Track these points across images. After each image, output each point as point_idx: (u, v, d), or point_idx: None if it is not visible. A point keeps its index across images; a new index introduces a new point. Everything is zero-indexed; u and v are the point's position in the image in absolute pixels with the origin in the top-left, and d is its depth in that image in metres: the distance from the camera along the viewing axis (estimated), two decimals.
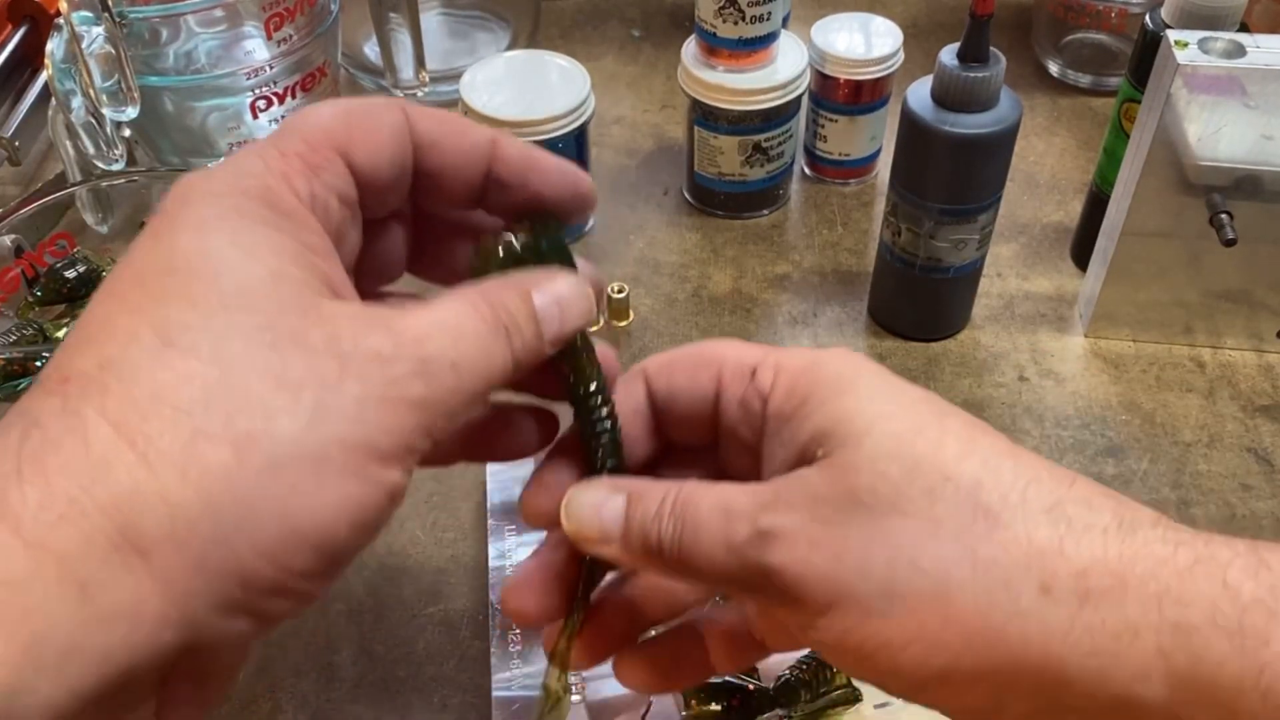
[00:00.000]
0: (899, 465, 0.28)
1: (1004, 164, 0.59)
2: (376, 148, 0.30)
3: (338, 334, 0.26)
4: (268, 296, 0.26)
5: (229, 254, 0.26)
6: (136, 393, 0.24)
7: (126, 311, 0.25)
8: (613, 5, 0.96)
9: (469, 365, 0.28)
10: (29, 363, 0.49)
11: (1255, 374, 0.64)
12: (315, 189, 0.29)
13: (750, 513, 0.29)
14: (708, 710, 0.45)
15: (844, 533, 0.28)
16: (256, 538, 0.24)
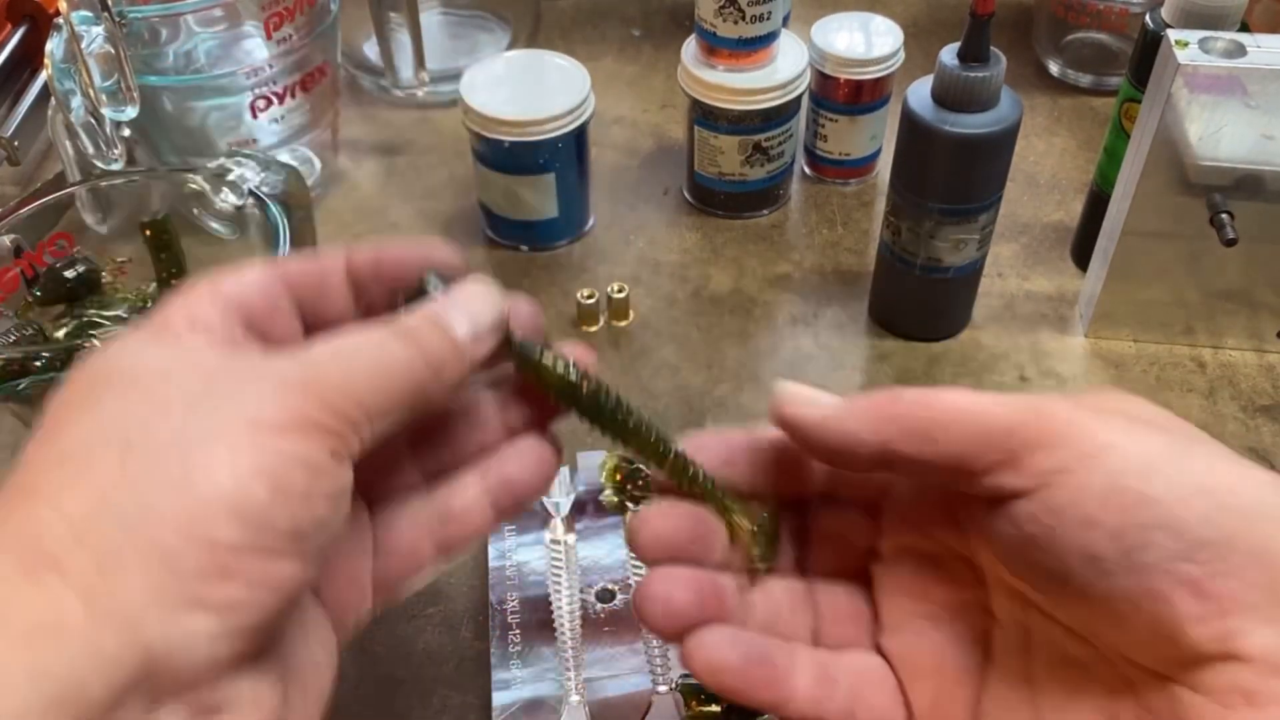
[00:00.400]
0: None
1: (1004, 164, 0.59)
2: (245, 288, 0.32)
3: (238, 359, 0.28)
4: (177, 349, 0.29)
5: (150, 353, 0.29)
6: (42, 453, 0.26)
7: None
8: (613, 5, 0.96)
9: (367, 360, 0.29)
10: (28, 363, 0.49)
11: (1256, 374, 0.64)
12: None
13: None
14: (708, 710, 0.45)
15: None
16: (163, 515, 0.24)
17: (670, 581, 0.32)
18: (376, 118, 0.86)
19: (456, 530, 0.34)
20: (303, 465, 0.26)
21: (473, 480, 0.35)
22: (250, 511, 0.25)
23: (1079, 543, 0.28)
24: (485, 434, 0.36)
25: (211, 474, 0.25)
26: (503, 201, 0.72)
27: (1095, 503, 0.27)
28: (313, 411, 0.27)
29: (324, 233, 0.73)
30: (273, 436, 0.26)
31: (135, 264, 0.60)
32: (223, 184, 0.58)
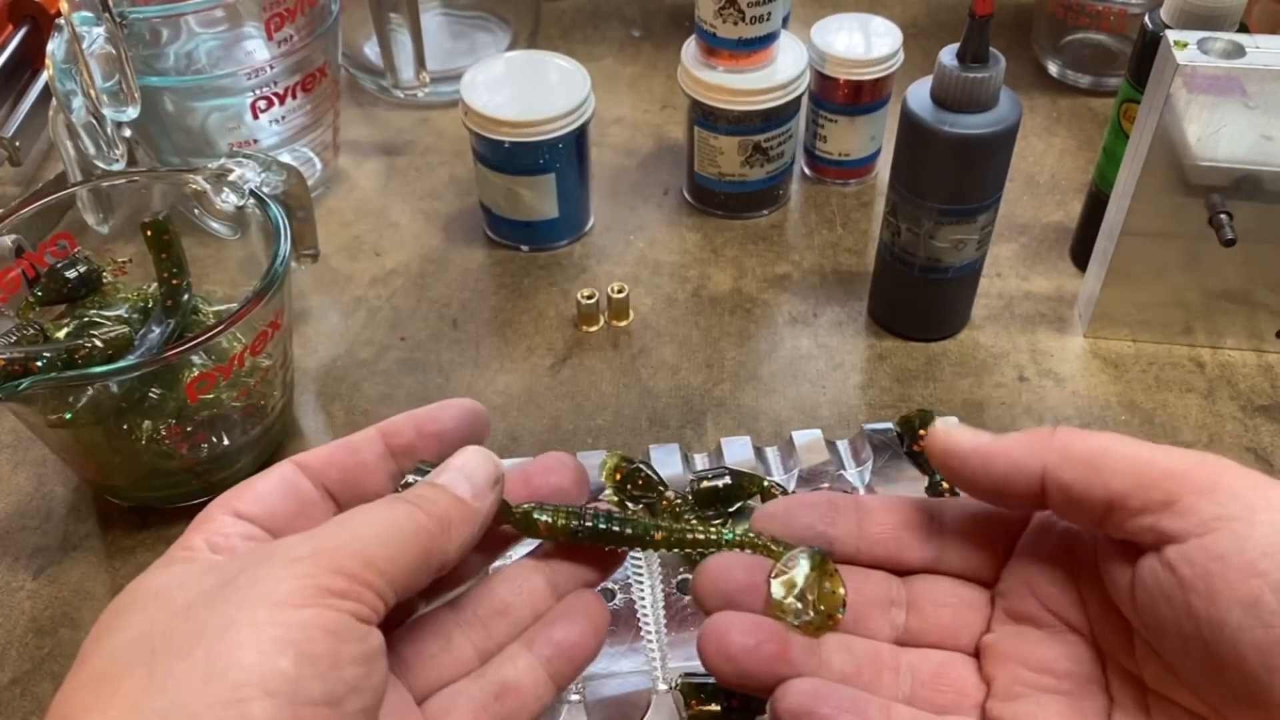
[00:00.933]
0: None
1: (1004, 164, 0.59)
2: (264, 500, 0.32)
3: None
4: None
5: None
6: (76, 681, 0.27)
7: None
8: (613, 5, 0.97)
9: (373, 523, 0.30)
10: (29, 363, 0.49)
11: (1255, 374, 0.64)
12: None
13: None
14: (708, 710, 0.45)
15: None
16: (195, 711, 0.25)
17: (728, 621, 0.33)
18: (377, 118, 0.86)
19: (513, 702, 0.34)
20: (324, 631, 0.27)
21: (521, 649, 0.35)
22: (280, 685, 0.25)
23: (1241, 590, 0.27)
24: (537, 600, 0.36)
25: (236, 658, 0.25)
26: (503, 201, 0.72)
27: (1258, 551, 0.27)
28: (325, 579, 0.27)
29: (324, 233, 0.73)
30: (291, 610, 0.26)
31: (136, 264, 0.60)
32: (223, 184, 0.58)
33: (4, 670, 0.52)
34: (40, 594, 0.55)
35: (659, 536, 0.36)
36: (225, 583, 0.28)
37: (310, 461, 0.34)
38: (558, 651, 0.35)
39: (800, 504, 0.36)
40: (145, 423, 0.54)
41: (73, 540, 0.57)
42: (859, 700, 0.32)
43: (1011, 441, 0.32)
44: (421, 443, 0.35)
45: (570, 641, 0.35)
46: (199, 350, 0.52)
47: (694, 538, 0.36)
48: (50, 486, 0.60)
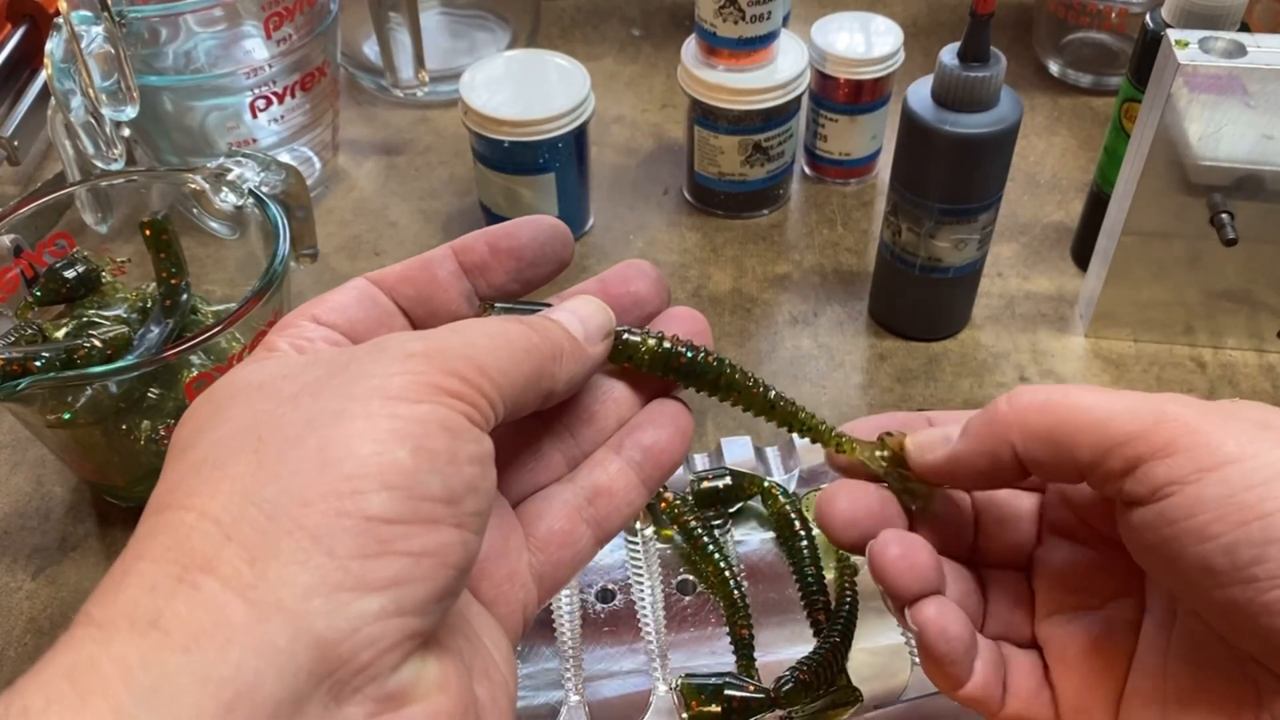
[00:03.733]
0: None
1: (1004, 164, 0.59)
2: (342, 307, 0.31)
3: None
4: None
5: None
6: (176, 468, 0.26)
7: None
8: (613, 5, 0.96)
9: (488, 334, 0.28)
10: (28, 363, 0.49)
11: (1256, 374, 0.64)
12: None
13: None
14: (708, 710, 0.45)
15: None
16: (309, 498, 0.23)
17: (906, 546, 0.33)
18: (376, 118, 0.86)
19: (605, 506, 0.33)
20: (441, 427, 0.25)
21: (610, 454, 0.34)
22: (398, 478, 0.24)
23: (1193, 554, 0.28)
24: (622, 409, 0.35)
25: (351, 447, 0.24)
26: (503, 201, 0.72)
27: (1210, 516, 0.27)
28: (439, 378, 0.26)
29: (324, 232, 0.73)
30: (406, 404, 0.25)
31: (135, 264, 0.60)
32: (222, 184, 0.58)
33: (3, 671, 0.52)
34: (39, 594, 0.55)
35: (755, 392, 0.35)
36: (334, 373, 0.26)
37: (385, 277, 0.32)
38: (647, 456, 0.34)
39: (876, 425, 0.36)
40: (144, 423, 0.54)
41: (71, 541, 0.57)
42: (972, 631, 0.33)
43: (977, 434, 0.32)
44: (495, 260, 0.33)
45: (659, 446, 0.34)
46: (198, 350, 0.52)
47: (782, 407, 0.35)
48: (49, 487, 0.60)
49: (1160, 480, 0.28)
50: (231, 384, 0.27)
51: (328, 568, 0.23)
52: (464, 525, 0.25)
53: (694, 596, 0.50)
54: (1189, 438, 0.28)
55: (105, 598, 0.23)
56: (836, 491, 0.34)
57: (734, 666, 0.48)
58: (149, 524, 0.24)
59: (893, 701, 0.46)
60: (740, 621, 0.49)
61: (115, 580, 0.23)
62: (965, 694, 0.33)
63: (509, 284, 0.34)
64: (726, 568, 0.50)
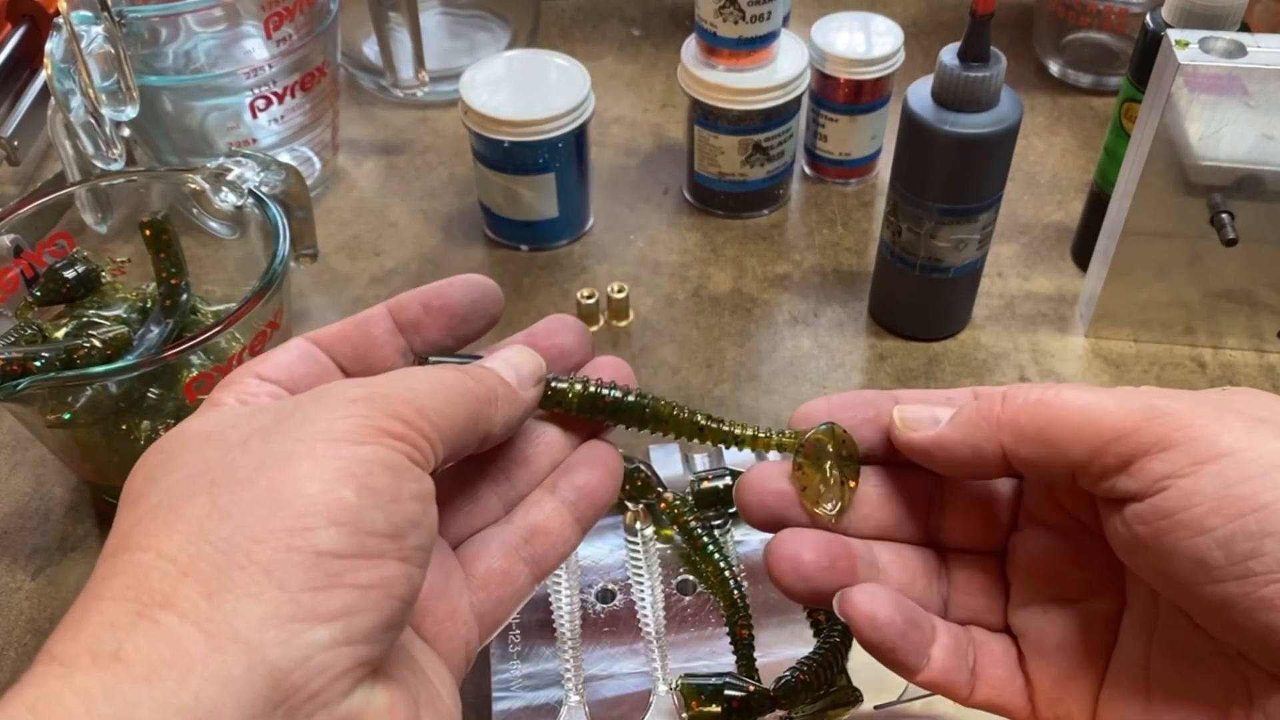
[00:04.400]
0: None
1: (1004, 164, 0.59)
2: (285, 364, 0.33)
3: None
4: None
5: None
6: (130, 515, 0.27)
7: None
8: (613, 5, 0.96)
9: (426, 379, 0.30)
10: (28, 363, 0.49)
11: (1256, 374, 0.64)
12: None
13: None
14: (708, 710, 0.45)
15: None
16: (260, 535, 0.24)
17: (799, 541, 0.33)
18: (376, 117, 0.86)
19: (542, 544, 0.35)
20: (384, 466, 0.27)
21: (545, 495, 0.36)
22: (344, 515, 0.25)
23: (1188, 548, 0.28)
24: (555, 451, 0.36)
25: (300, 487, 0.25)
26: (503, 201, 0.72)
27: (1205, 509, 0.27)
28: (381, 420, 0.27)
29: (323, 232, 0.73)
30: (349, 446, 0.26)
31: (135, 264, 0.60)
32: (222, 184, 0.58)
33: (2, 671, 0.52)
34: (39, 594, 0.55)
35: (680, 419, 0.36)
36: (281, 420, 0.28)
37: (322, 337, 0.34)
38: (581, 495, 0.35)
39: (840, 403, 0.36)
40: (144, 423, 0.53)
41: (71, 541, 0.57)
42: (918, 615, 0.33)
43: (965, 425, 0.32)
44: (429, 317, 0.35)
45: (591, 485, 0.36)
46: (198, 350, 0.52)
47: (711, 428, 0.36)
48: (49, 487, 0.60)
49: (1155, 475, 0.28)
50: (181, 435, 0.29)
51: (280, 600, 0.24)
52: (408, 559, 0.27)
53: (694, 596, 0.50)
54: (1183, 432, 0.28)
55: (66, 635, 0.24)
56: (752, 473, 0.35)
57: (734, 666, 0.48)
58: (106, 566, 0.26)
59: (893, 702, 0.46)
60: (740, 621, 0.49)
61: (76, 619, 0.24)
62: (926, 680, 0.33)
63: (443, 340, 0.35)
64: (726, 568, 0.50)
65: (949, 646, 0.33)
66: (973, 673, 0.34)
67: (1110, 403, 0.29)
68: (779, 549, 0.34)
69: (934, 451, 0.33)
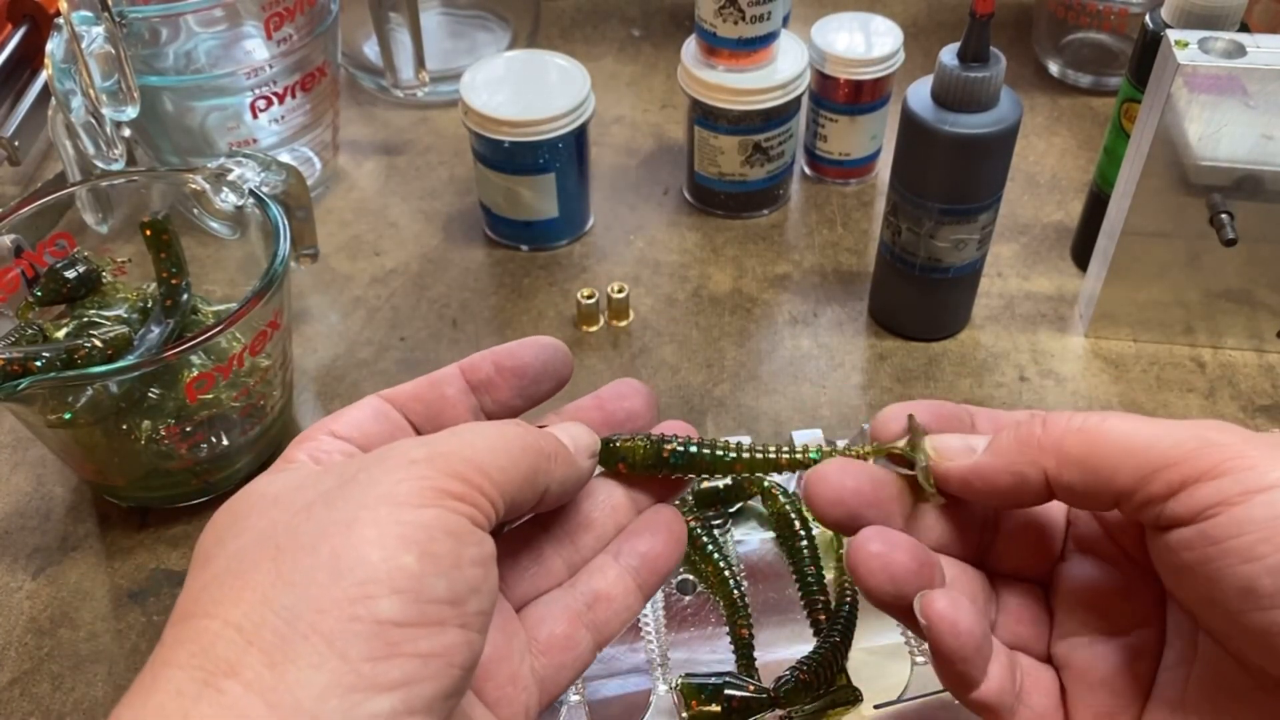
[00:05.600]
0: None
1: (1004, 164, 0.59)
2: (358, 422, 0.34)
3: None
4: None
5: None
6: (198, 580, 0.27)
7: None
8: (613, 5, 0.96)
9: (486, 436, 0.30)
10: (28, 363, 0.49)
11: (1256, 374, 0.64)
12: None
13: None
14: (708, 710, 0.45)
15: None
16: (323, 604, 0.25)
17: (889, 541, 0.32)
18: (376, 118, 0.86)
19: (604, 611, 0.35)
20: (445, 532, 0.27)
21: (609, 560, 0.36)
22: (406, 584, 0.25)
23: (1237, 574, 0.27)
24: (620, 515, 0.36)
25: (361, 554, 0.26)
26: (503, 201, 0.72)
27: (1256, 536, 0.27)
28: (442, 481, 0.28)
29: (324, 232, 0.73)
30: (411, 510, 0.27)
31: (135, 264, 0.60)
32: (223, 184, 0.58)
33: (3, 671, 0.52)
34: (39, 594, 0.55)
35: (742, 461, 0.36)
36: (344, 483, 0.28)
37: (396, 395, 0.34)
38: (643, 562, 0.36)
39: (917, 408, 0.35)
40: (144, 423, 0.54)
41: (72, 540, 0.57)
42: (987, 630, 0.33)
43: (1006, 452, 0.32)
44: (500, 378, 0.35)
45: (655, 552, 0.36)
46: (198, 350, 0.52)
47: (785, 458, 0.36)
48: (49, 487, 0.60)
49: (1206, 501, 0.28)
50: (250, 496, 0.29)
51: (341, 670, 0.24)
52: (468, 625, 0.27)
53: (694, 596, 0.50)
54: (1236, 461, 0.28)
55: (135, 701, 0.25)
56: (827, 467, 0.34)
57: (734, 666, 0.48)
58: (175, 631, 0.26)
59: (893, 701, 0.46)
60: (740, 621, 0.49)
61: (145, 686, 0.25)
62: (979, 698, 0.32)
63: (513, 400, 0.36)
64: (726, 568, 0.50)
65: (1004, 666, 0.33)
66: (1018, 697, 0.33)
67: (1159, 431, 0.29)
68: (868, 547, 0.32)
69: (973, 480, 0.33)
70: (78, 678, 0.51)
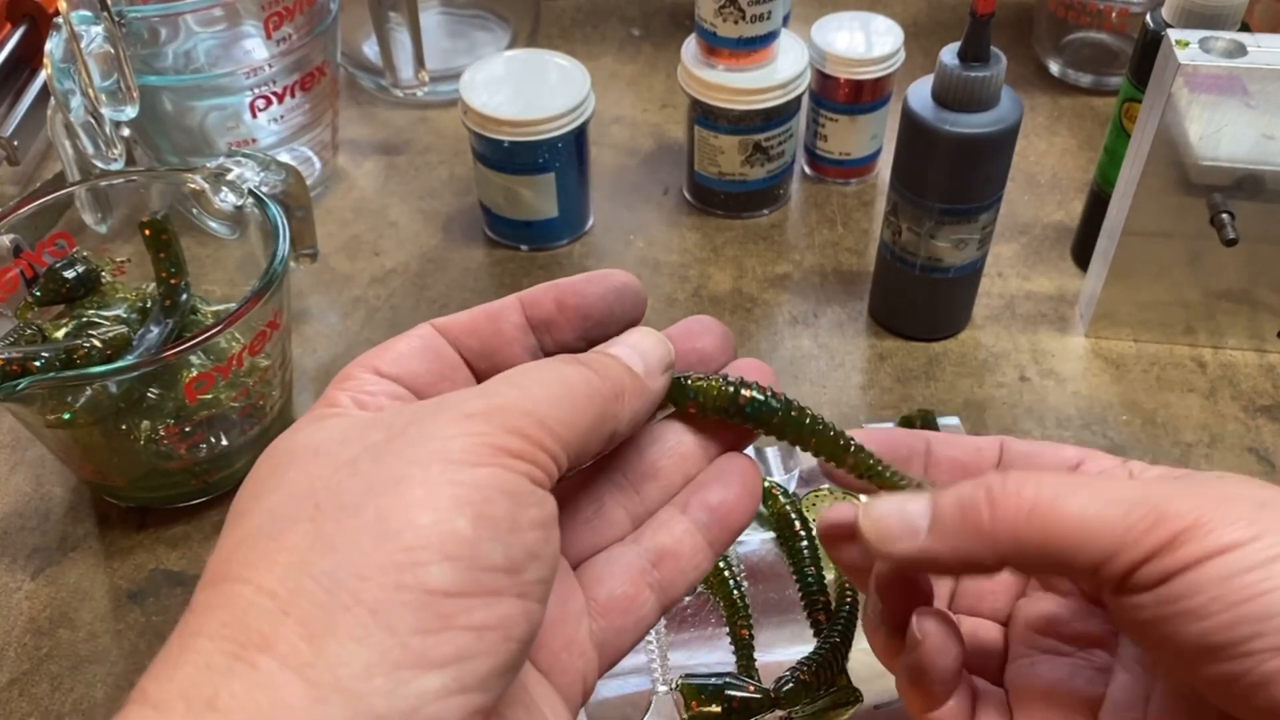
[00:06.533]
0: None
1: (1005, 164, 0.59)
2: (406, 359, 0.31)
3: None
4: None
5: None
6: (233, 537, 0.25)
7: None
8: (613, 5, 0.96)
9: (546, 382, 0.28)
10: (28, 363, 0.49)
11: (1256, 374, 0.64)
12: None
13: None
14: (708, 711, 0.45)
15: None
16: (367, 571, 0.23)
17: (950, 641, 0.32)
18: (376, 117, 0.86)
19: (671, 570, 0.32)
20: (502, 492, 0.24)
21: (676, 513, 0.32)
22: (459, 549, 0.23)
23: (1191, 632, 0.27)
24: (689, 464, 0.33)
25: (410, 517, 0.23)
26: (503, 201, 0.72)
27: (1209, 597, 0.27)
28: (500, 438, 0.25)
29: (323, 232, 0.73)
30: (466, 469, 0.24)
31: (135, 264, 0.60)
32: (222, 184, 0.58)
33: (2, 671, 0.52)
34: (39, 594, 0.55)
35: (815, 434, 0.33)
36: (393, 436, 0.25)
37: (450, 326, 0.31)
38: (714, 516, 0.32)
39: (868, 437, 0.34)
40: (144, 423, 0.53)
41: (71, 541, 0.57)
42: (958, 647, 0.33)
43: (952, 537, 0.30)
44: (562, 316, 0.32)
45: (726, 506, 0.32)
46: (197, 350, 0.52)
47: (855, 452, 0.33)
48: (49, 487, 0.60)
49: (1160, 572, 0.28)
50: (290, 445, 0.27)
51: (387, 644, 0.22)
52: (527, 594, 0.24)
53: (694, 596, 0.50)
54: (1189, 532, 0.28)
55: (162, 674, 0.22)
56: (837, 511, 0.33)
57: (734, 666, 0.48)
58: (205, 595, 0.24)
59: (893, 702, 0.46)
60: (740, 621, 0.49)
61: (172, 656, 0.23)
62: (933, 717, 0.32)
63: (575, 342, 0.32)
64: (726, 568, 0.50)
65: (964, 690, 0.33)
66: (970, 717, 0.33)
67: (1111, 511, 0.28)
68: (937, 640, 0.32)
69: (922, 564, 0.31)
70: (77, 678, 0.51)
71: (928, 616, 0.32)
